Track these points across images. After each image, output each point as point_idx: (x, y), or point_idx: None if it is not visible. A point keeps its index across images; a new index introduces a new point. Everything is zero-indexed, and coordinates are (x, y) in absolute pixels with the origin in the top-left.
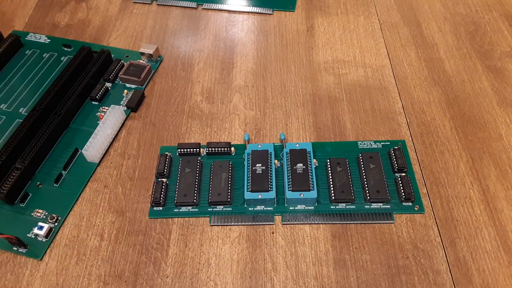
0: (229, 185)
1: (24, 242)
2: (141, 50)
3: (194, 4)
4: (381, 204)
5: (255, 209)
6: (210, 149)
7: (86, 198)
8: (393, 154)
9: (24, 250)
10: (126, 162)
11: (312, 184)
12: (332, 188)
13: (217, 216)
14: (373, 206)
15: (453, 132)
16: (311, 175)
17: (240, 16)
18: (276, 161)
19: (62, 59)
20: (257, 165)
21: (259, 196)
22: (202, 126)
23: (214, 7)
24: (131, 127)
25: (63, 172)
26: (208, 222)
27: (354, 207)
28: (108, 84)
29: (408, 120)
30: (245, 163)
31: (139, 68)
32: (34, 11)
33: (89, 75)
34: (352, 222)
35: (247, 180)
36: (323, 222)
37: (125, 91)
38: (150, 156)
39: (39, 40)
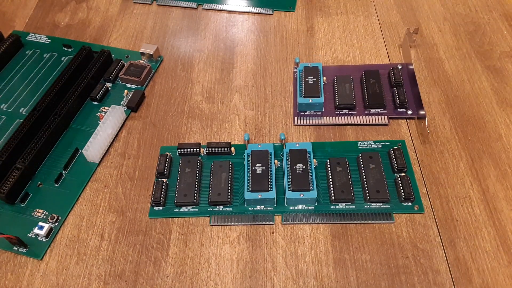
0: (229, 185)
1: (25, 242)
2: (141, 50)
3: (194, 4)
4: (381, 204)
5: (255, 209)
6: (210, 149)
7: (87, 198)
8: (393, 154)
9: (24, 250)
10: (127, 162)
11: (312, 184)
12: (332, 188)
13: (217, 216)
14: (373, 206)
15: (453, 132)
16: (311, 175)
17: (240, 16)
18: (276, 161)
19: (62, 59)
20: (257, 165)
21: (259, 196)
22: (202, 126)
23: (214, 7)
24: (131, 127)
25: (63, 172)
26: (208, 222)
27: (354, 207)
28: (109, 84)
29: (408, 120)
30: (245, 163)
31: (139, 68)
32: (35, 11)
33: (89, 75)
34: (352, 222)
35: (247, 180)
36: (323, 222)
37: (125, 91)
38: (150, 156)
39: (40, 40)
